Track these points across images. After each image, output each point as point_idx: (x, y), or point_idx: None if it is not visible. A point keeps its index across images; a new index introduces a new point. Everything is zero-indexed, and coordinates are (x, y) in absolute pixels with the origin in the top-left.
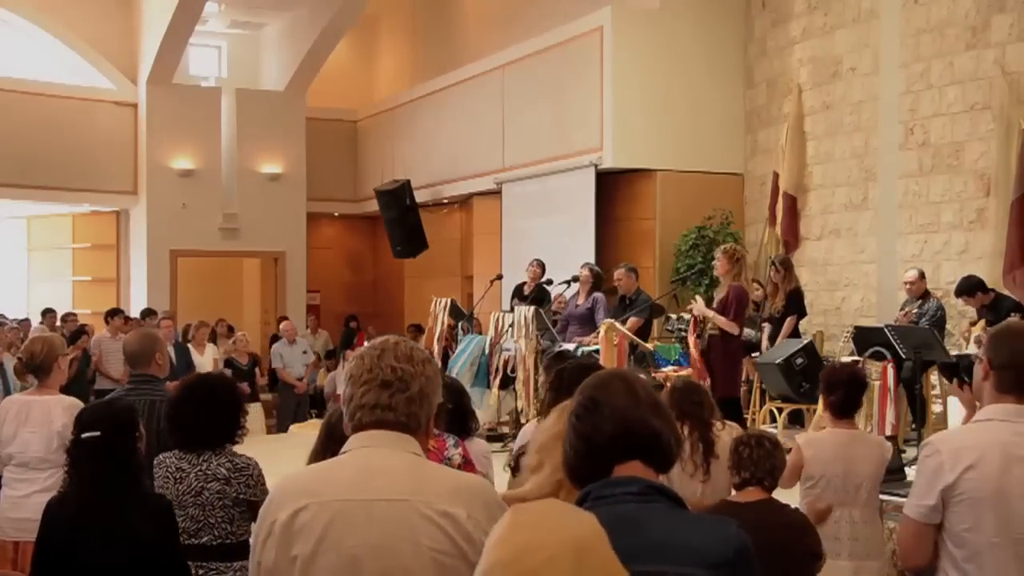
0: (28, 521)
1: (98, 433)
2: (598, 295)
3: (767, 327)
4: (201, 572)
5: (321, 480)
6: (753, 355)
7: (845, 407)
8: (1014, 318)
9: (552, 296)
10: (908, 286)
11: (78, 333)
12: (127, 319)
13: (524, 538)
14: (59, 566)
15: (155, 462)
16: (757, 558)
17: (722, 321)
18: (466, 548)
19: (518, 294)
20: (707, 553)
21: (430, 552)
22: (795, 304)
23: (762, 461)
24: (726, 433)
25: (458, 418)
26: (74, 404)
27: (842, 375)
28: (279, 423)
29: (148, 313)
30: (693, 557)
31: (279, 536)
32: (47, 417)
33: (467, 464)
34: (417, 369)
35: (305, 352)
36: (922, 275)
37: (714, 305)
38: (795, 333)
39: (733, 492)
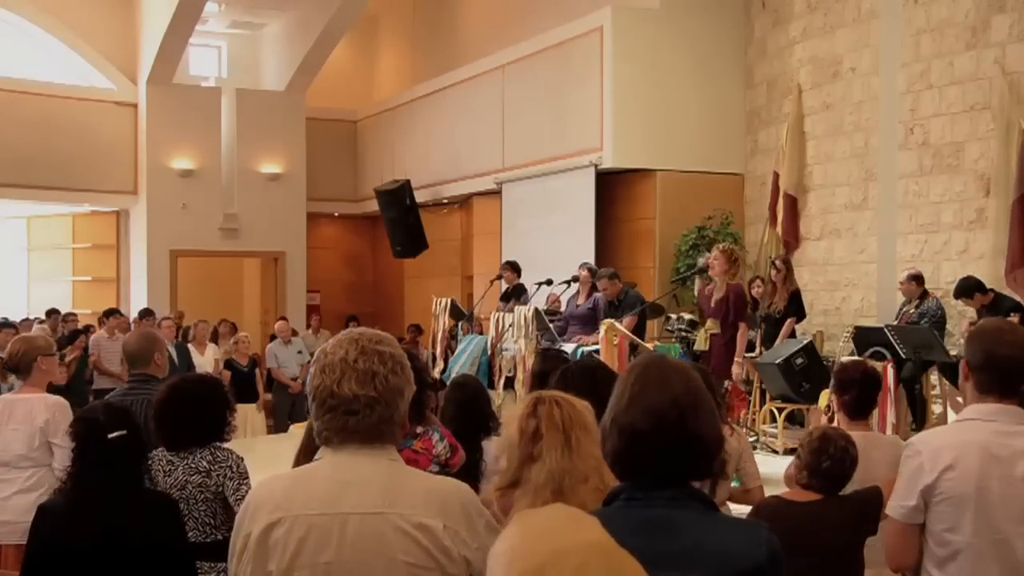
0: (8, 524)
1: (125, 432)
2: (598, 295)
3: (762, 326)
4: None
5: (295, 492)
6: (747, 354)
7: (859, 407)
8: (1013, 318)
9: (529, 293)
10: (901, 286)
11: (76, 333)
12: (141, 319)
13: (549, 545)
14: (70, 565)
15: (150, 456)
16: (817, 555)
17: (740, 337)
18: (443, 560)
19: (503, 297)
20: (741, 559)
21: (406, 566)
22: (797, 305)
23: (838, 478)
24: (735, 440)
25: (476, 416)
26: (58, 403)
27: (855, 373)
28: (276, 423)
29: (146, 313)
30: (727, 564)
31: (254, 551)
32: (30, 415)
33: (455, 453)
34: (380, 389)
35: (300, 352)
36: (912, 277)
37: (712, 304)
38: (792, 334)
39: (788, 487)
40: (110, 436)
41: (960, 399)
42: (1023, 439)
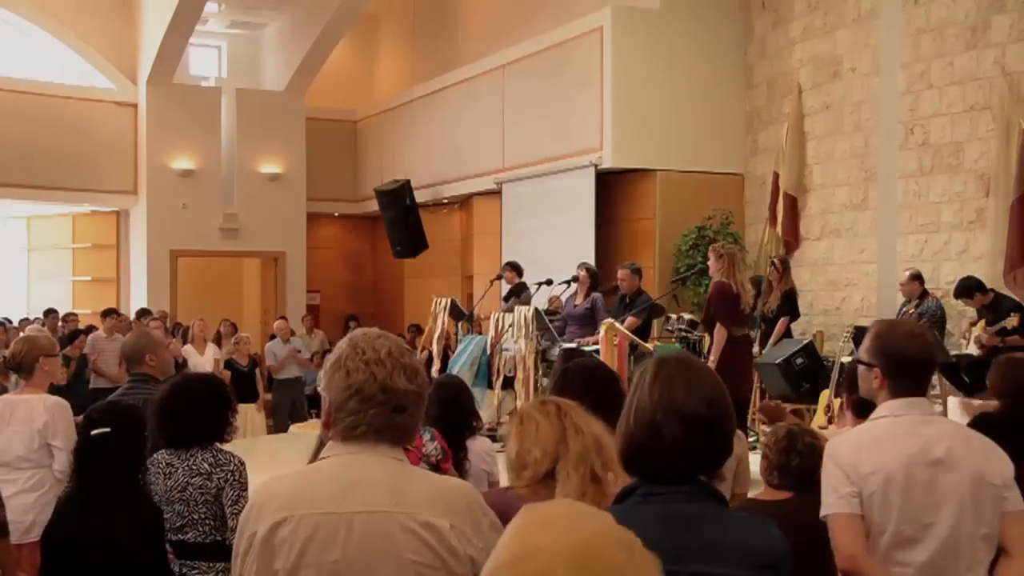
0: (10, 523)
1: (108, 429)
2: (597, 295)
3: (762, 327)
4: (184, 571)
5: (300, 492)
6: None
7: (868, 405)
8: (1013, 318)
9: (532, 292)
10: (901, 287)
11: (75, 333)
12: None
13: (528, 542)
14: (61, 563)
15: (149, 460)
16: (794, 553)
17: (718, 340)
18: (449, 560)
19: (505, 298)
20: (759, 555)
21: (413, 565)
22: (789, 304)
23: (809, 475)
24: (736, 445)
25: (459, 415)
26: (57, 403)
27: None
28: (276, 423)
29: (143, 313)
30: (746, 559)
31: (259, 550)
32: (30, 416)
33: (445, 459)
34: (421, 385)
35: (299, 351)
36: (914, 276)
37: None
38: (787, 334)
39: (762, 488)
40: (92, 433)
41: (958, 399)
42: (935, 427)
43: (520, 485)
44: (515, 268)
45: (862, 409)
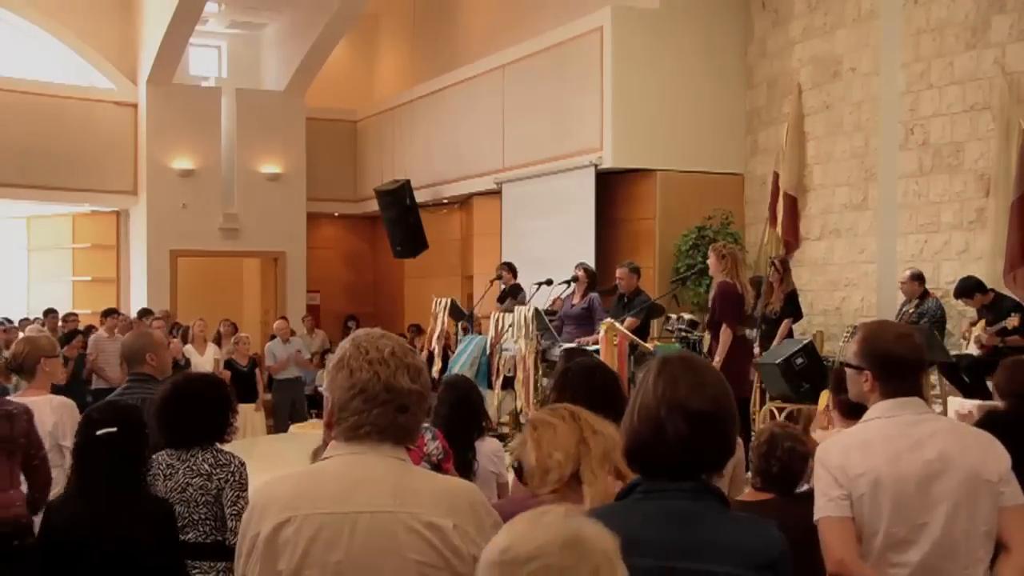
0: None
1: (115, 429)
2: (594, 295)
3: (762, 328)
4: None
5: (303, 492)
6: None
7: (853, 407)
8: (1014, 318)
9: (527, 293)
10: (902, 286)
11: (73, 334)
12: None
13: (524, 546)
14: (64, 564)
15: (150, 460)
16: None
17: (724, 341)
18: (453, 560)
19: (500, 299)
20: (756, 554)
21: (416, 565)
22: (793, 306)
23: (790, 479)
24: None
25: (469, 415)
26: (64, 404)
27: None
28: (276, 423)
29: (145, 313)
30: (744, 558)
31: (263, 551)
32: (38, 418)
33: (446, 459)
34: (424, 384)
35: (299, 351)
36: (914, 276)
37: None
38: (788, 334)
39: (746, 489)
40: (97, 433)
41: (960, 399)
42: (927, 425)
43: (546, 491)
44: (511, 269)
45: (850, 410)
